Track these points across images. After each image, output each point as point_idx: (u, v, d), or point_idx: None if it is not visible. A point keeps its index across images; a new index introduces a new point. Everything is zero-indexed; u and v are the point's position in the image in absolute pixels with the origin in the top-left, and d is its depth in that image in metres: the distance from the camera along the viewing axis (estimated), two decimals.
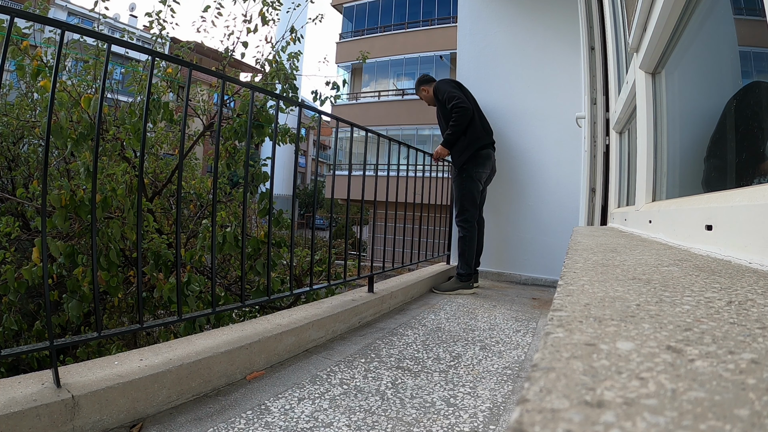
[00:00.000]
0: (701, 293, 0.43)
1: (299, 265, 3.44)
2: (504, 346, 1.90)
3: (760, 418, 0.18)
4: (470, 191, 3.00)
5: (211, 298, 1.53)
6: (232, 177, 3.62)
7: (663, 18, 1.20)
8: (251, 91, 1.73)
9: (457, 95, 2.94)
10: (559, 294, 0.44)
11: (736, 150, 0.87)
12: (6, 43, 1.01)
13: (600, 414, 0.19)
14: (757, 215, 0.60)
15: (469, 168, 2.99)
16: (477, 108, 3.10)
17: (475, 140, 2.98)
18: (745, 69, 0.85)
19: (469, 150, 2.97)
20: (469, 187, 3.00)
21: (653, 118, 1.49)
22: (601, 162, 2.85)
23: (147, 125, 1.50)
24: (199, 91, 3.39)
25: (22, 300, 2.28)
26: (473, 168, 2.99)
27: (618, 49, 2.40)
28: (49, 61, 2.41)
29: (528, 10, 3.69)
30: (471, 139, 2.97)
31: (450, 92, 2.97)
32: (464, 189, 3.01)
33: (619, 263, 0.66)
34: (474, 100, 3.15)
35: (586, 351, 0.27)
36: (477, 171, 2.99)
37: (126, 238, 2.35)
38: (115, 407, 1.09)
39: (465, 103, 2.92)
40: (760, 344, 0.28)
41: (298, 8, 3.52)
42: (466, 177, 3.00)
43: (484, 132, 3.03)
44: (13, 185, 3.06)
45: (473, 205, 3.02)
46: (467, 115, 2.91)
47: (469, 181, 3.00)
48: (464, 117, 2.91)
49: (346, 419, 1.19)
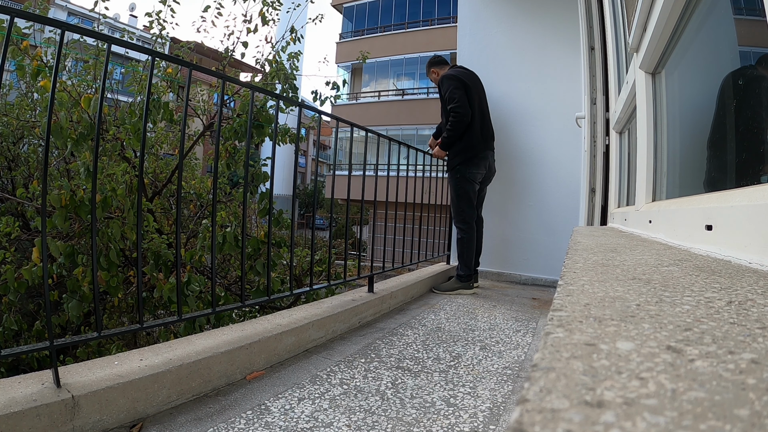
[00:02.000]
0: (701, 293, 0.43)
1: (299, 265, 3.44)
2: (504, 346, 1.90)
3: (760, 418, 0.18)
4: (466, 192, 2.97)
5: (211, 298, 1.53)
6: (232, 177, 3.62)
7: (663, 18, 1.20)
8: (251, 91, 1.73)
9: (457, 97, 2.84)
10: (559, 294, 0.44)
11: (736, 149, 0.87)
12: (6, 43, 1.01)
13: (600, 414, 0.19)
14: (756, 215, 0.60)
15: (462, 168, 2.95)
16: (482, 108, 3.00)
17: (470, 147, 2.91)
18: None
19: (463, 155, 2.93)
20: (464, 187, 2.96)
21: (653, 118, 1.49)
22: (601, 162, 2.85)
23: (147, 125, 1.50)
24: (199, 91, 3.40)
25: (22, 300, 2.28)
26: (466, 168, 2.94)
27: (618, 49, 2.40)
28: (49, 61, 2.41)
29: (528, 10, 3.69)
30: (466, 144, 2.92)
31: (452, 91, 2.87)
32: (459, 190, 2.98)
33: (619, 263, 0.66)
34: (480, 94, 3.03)
35: (586, 351, 0.27)
36: (470, 171, 2.94)
37: (126, 238, 2.35)
38: (115, 407, 1.09)
39: (463, 107, 2.84)
40: (760, 344, 0.28)
41: (298, 8, 3.52)
42: (460, 178, 2.96)
43: (481, 139, 2.95)
44: (13, 185, 3.06)
45: (470, 205, 2.98)
46: (464, 121, 2.85)
47: (464, 181, 2.96)
48: (460, 124, 2.85)
49: (346, 419, 1.19)
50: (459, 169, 2.95)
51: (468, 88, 2.91)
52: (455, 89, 2.87)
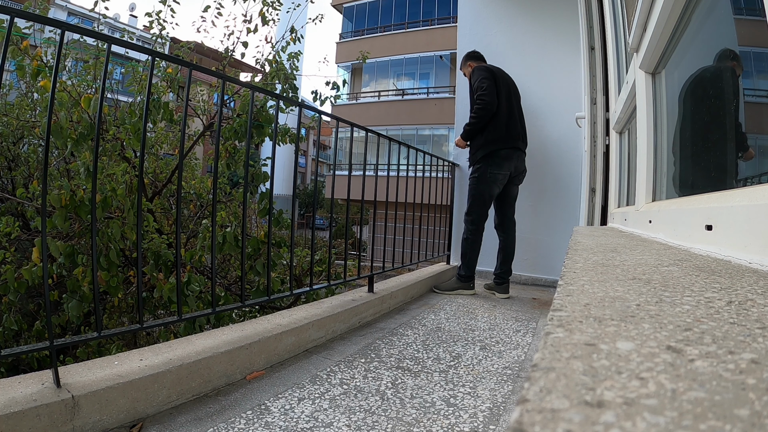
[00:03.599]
0: (701, 293, 0.43)
1: (299, 265, 3.44)
2: (504, 346, 1.90)
3: (760, 418, 0.18)
4: (480, 193, 2.87)
5: (211, 298, 1.53)
6: (232, 177, 3.62)
7: (663, 18, 1.20)
8: (251, 91, 1.73)
9: (486, 86, 2.76)
10: (559, 294, 0.44)
11: (736, 149, 0.87)
12: (6, 43, 1.01)
13: (600, 414, 0.19)
14: (756, 215, 0.60)
15: (482, 167, 2.85)
16: (510, 104, 2.88)
17: (492, 141, 2.80)
18: (746, 69, 0.85)
19: (484, 149, 2.83)
20: (480, 188, 2.87)
21: (653, 118, 1.49)
22: (601, 162, 2.85)
23: (147, 125, 1.50)
24: (199, 91, 3.40)
25: (22, 300, 2.28)
26: (486, 168, 2.83)
27: (618, 49, 2.40)
28: (49, 61, 2.41)
29: (528, 10, 3.69)
30: (488, 138, 2.81)
31: (481, 80, 2.80)
32: (475, 190, 2.90)
33: (619, 263, 0.66)
34: (511, 91, 2.94)
35: (586, 351, 0.27)
36: (491, 172, 2.82)
37: (126, 238, 2.35)
38: (115, 407, 1.09)
39: (490, 96, 2.75)
40: (760, 344, 0.28)
41: (298, 8, 3.52)
42: (479, 177, 2.87)
43: (506, 134, 2.82)
44: (13, 185, 3.06)
45: (482, 206, 2.89)
46: (488, 110, 2.76)
47: (482, 182, 2.86)
48: (484, 111, 2.76)
49: (346, 419, 1.19)
50: (479, 168, 2.87)
51: (497, 80, 2.85)
52: (484, 79, 2.82)
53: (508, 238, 3.03)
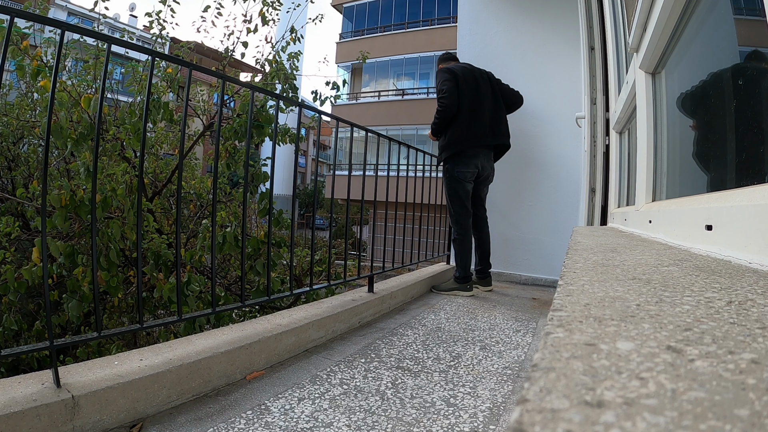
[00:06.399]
0: (701, 293, 0.43)
1: (299, 265, 3.44)
2: (504, 346, 1.90)
3: (760, 418, 0.18)
4: (455, 191, 2.90)
5: (211, 298, 1.53)
6: (232, 177, 3.62)
7: (663, 18, 1.20)
8: (251, 91, 1.73)
9: (446, 89, 2.77)
10: (559, 294, 0.44)
11: (736, 149, 0.87)
12: (6, 43, 1.01)
13: (600, 414, 0.19)
14: (756, 215, 0.60)
15: (450, 167, 2.89)
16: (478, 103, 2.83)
17: (454, 143, 2.82)
18: (746, 69, 0.85)
19: (447, 150, 2.86)
20: (454, 187, 2.90)
21: (653, 118, 1.49)
22: (601, 162, 2.85)
23: (147, 125, 1.50)
24: (199, 91, 3.40)
25: (22, 300, 2.28)
26: (453, 167, 2.86)
27: (618, 49, 2.40)
28: (49, 61, 2.41)
29: (528, 10, 3.69)
30: (451, 140, 2.83)
31: (442, 83, 2.81)
32: (449, 189, 2.93)
33: (619, 263, 0.66)
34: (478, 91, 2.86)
35: (586, 351, 0.27)
36: (458, 170, 2.85)
37: (126, 238, 2.35)
38: (115, 407, 1.09)
39: (449, 99, 2.75)
40: (760, 344, 0.28)
41: (298, 8, 3.52)
42: (449, 177, 2.90)
43: (468, 134, 2.80)
44: (13, 185, 3.06)
45: (462, 205, 2.92)
46: (447, 113, 2.78)
47: (452, 180, 2.89)
48: (443, 115, 2.79)
49: (346, 419, 1.19)
50: (448, 168, 2.91)
51: (459, 82, 2.82)
52: (445, 81, 2.83)
53: (482, 236, 3.11)
